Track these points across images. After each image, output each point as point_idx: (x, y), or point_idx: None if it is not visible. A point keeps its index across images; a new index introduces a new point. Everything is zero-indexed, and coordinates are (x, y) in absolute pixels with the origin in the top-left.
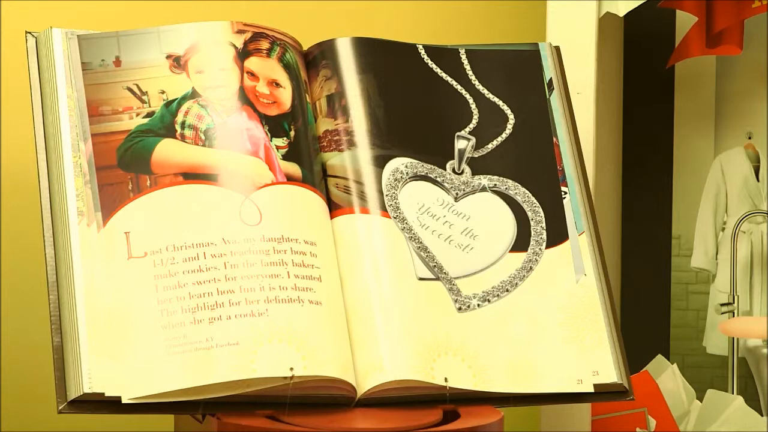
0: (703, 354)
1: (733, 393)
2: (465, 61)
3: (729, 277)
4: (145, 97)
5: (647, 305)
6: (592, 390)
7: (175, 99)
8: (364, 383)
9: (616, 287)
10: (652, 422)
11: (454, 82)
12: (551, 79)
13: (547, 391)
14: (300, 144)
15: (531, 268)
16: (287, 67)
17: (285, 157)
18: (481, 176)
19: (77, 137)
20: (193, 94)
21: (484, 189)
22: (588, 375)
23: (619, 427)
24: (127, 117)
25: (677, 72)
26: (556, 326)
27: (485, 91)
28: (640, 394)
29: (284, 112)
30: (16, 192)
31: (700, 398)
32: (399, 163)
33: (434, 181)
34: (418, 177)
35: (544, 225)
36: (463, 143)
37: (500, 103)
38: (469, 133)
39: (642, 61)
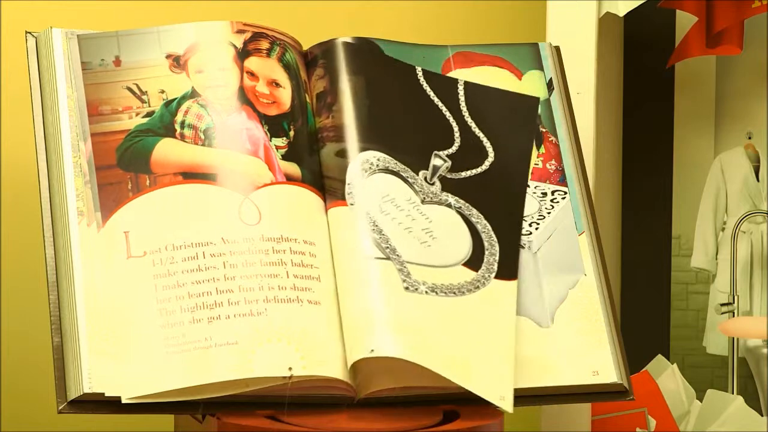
0: (703, 354)
1: (733, 393)
2: (461, 93)
3: (729, 277)
4: (144, 97)
5: (647, 305)
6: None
7: (175, 98)
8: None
9: (616, 287)
10: (652, 422)
11: (444, 108)
12: (551, 79)
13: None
14: (299, 144)
15: (479, 287)
16: (287, 67)
17: (284, 157)
18: (450, 195)
19: (77, 137)
20: (193, 94)
21: (449, 205)
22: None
23: (619, 427)
24: (127, 117)
25: (677, 72)
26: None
27: (473, 125)
28: (640, 394)
29: (284, 112)
30: (16, 192)
31: (700, 398)
32: (371, 155)
33: (405, 180)
34: (389, 171)
35: (497, 258)
36: (439, 161)
37: (484, 139)
38: (447, 156)
39: (642, 61)
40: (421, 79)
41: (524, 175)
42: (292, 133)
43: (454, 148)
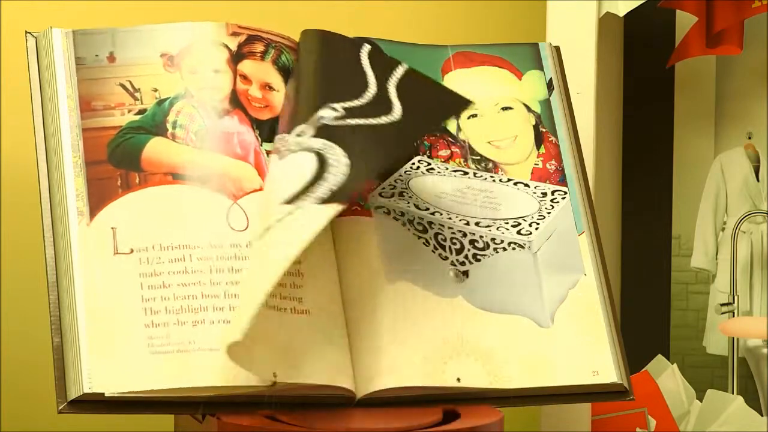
0: (703, 354)
1: (733, 393)
2: (399, 72)
3: (729, 277)
4: (137, 94)
5: (647, 305)
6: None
7: (168, 98)
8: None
9: (616, 287)
10: (652, 422)
11: (370, 75)
12: (551, 79)
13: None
14: None
15: (290, 212)
16: (282, 70)
17: None
18: (319, 140)
19: (77, 137)
20: (186, 94)
21: (309, 149)
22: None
23: (619, 427)
24: (119, 113)
25: (677, 72)
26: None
27: (393, 94)
28: (640, 394)
29: (276, 116)
30: (16, 192)
31: (700, 398)
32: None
33: (277, 150)
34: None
35: (332, 187)
36: (327, 112)
37: (395, 102)
38: (344, 107)
39: (642, 61)
40: (363, 54)
41: (414, 138)
42: None
43: (359, 102)
